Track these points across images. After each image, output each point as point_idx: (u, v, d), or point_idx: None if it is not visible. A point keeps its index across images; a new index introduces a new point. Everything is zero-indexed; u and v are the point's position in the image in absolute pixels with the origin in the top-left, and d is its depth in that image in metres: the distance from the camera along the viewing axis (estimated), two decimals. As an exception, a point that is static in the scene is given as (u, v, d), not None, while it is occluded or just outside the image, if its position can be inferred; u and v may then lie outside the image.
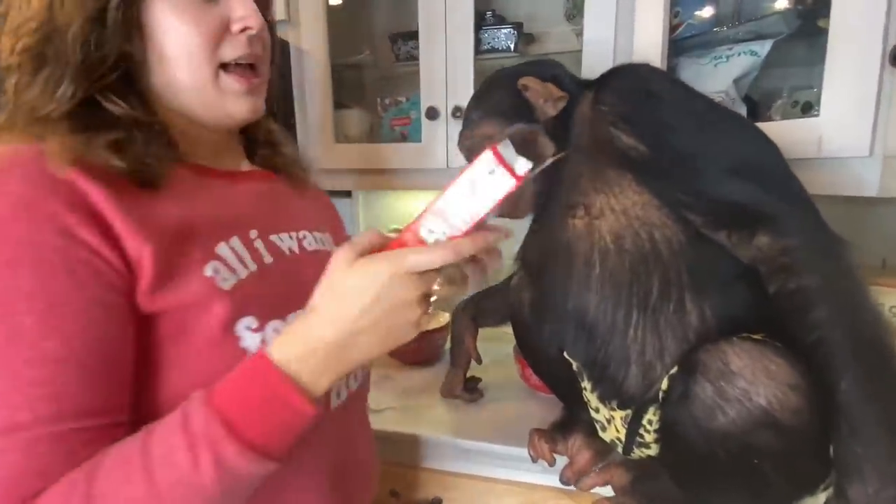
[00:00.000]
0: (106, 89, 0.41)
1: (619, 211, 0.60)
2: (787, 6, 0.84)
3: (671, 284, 0.58)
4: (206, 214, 0.44)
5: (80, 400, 0.35)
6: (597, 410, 0.68)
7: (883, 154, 0.64)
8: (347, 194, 1.36)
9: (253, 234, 0.47)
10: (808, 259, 0.50)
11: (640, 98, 0.60)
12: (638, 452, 0.65)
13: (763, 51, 0.84)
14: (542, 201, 0.71)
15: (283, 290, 0.46)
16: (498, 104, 0.71)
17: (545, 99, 0.67)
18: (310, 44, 1.04)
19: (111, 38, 0.40)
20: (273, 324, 0.43)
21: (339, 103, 1.13)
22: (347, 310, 0.37)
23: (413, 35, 1.05)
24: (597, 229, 0.62)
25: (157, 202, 0.41)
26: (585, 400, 0.70)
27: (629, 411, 0.63)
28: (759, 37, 0.86)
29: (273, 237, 0.50)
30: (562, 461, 0.72)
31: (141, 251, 0.37)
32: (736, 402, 0.49)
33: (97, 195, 0.36)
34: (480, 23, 1.02)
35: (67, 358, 0.34)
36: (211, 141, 0.50)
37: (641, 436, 0.63)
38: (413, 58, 1.06)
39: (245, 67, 0.47)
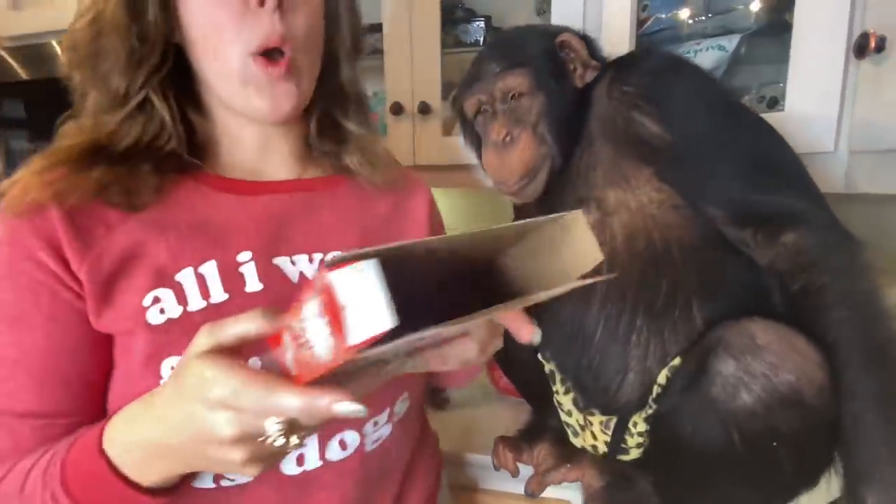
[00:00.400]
0: (160, 86, 0.42)
1: (634, 209, 0.56)
2: (753, 1, 0.84)
3: (679, 289, 0.55)
4: (183, 234, 0.42)
5: (28, 403, 0.39)
6: (569, 414, 0.66)
7: (848, 149, 0.64)
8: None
9: (244, 256, 0.43)
10: (835, 258, 0.50)
11: (667, 82, 0.57)
12: (618, 458, 0.63)
13: (731, 46, 0.83)
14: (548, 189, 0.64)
15: None
16: (531, 55, 0.62)
17: (582, 64, 0.62)
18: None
19: (153, 27, 0.40)
20: None
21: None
22: (175, 413, 0.30)
23: (377, 27, 1.01)
24: (609, 227, 0.57)
25: (122, 223, 0.41)
26: (556, 403, 0.67)
27: (611, 417, 0.61)
28: (728, 31, 0.85)
29: (278, 260, 0.45)
30: (528, 470, 0.69)
31: (83, 275, 0.39)
32: (762, 377, 0.47)
33: (60, 223, 0.39)
34: (448, 16, 0.99)
35: (21, 364, 0.39)
36: (255, 140, 0.48)
37: (624, 440, 0.61)
38: (377, 51, 1.02)
39: (274, 53, 0.42)
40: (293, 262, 0.45)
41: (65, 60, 0.43)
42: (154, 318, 0.39)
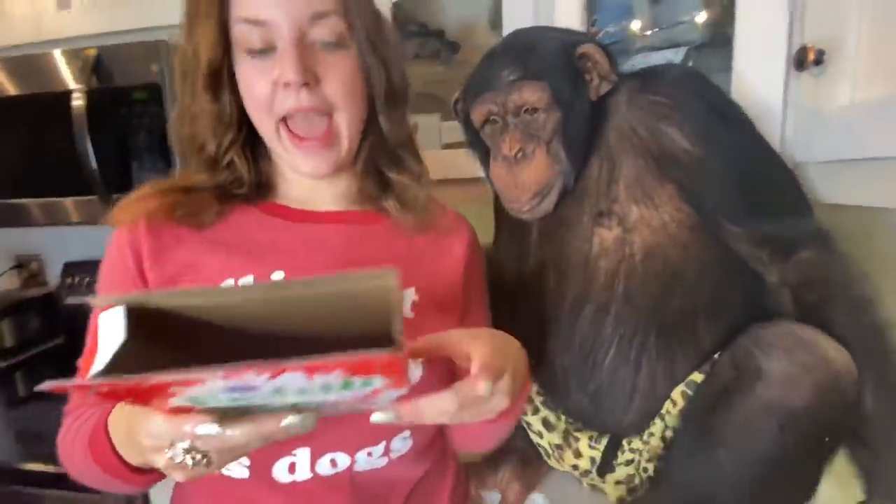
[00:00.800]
0: (240, 146, 0.51)
1: (655, 226, 0.55)
2: (699, 15, 0.86)
3: (690, 309, 0.55)
4: (233, 251, 0.50)
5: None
6: (540, 436, 0.64)
7: (792, 161, 0.64)
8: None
9: (277, 275, 0.49)
10: (842, 272, 0.52)
11: (695, 96, 0.56)
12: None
13: (678, 58, 0.85)
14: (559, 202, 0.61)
15: None
16: (550, 67, 0.57)
17: (601, 76, 0.58)
18: (214, 49, 0.96)
19: (228, 107, 0.49)
20: None
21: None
22: (127, 431, 0.40)
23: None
24: (628, 244, 0.55)
25: (191, 238, 0.50)
26: (524, 424, 0.65)
27: (602, 434, 0.61)
28: (674, 45, 0.86)
29: None
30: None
31: (151, 276, 0.49)
32: (816, 370, 0.46)
33: (144, 236, 0.49)
34: (402, 31, 0.97)
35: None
36: (307, 182, 0.54)
37: (616, 456, 0.61)
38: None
39: (302, 124, 0.48)
40: None
41: (173, 141, 0.53)
42: None
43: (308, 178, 0.53)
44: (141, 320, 0.30)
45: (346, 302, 0.30)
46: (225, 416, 0.32)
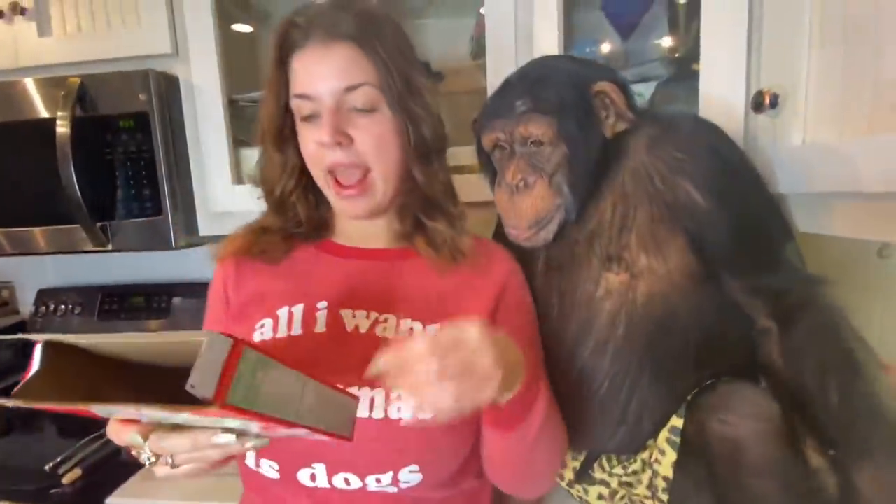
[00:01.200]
0: (303, 191, 0.62)
1: (661, 274, 0.57)
2: (666, 53, 0.92)
3: (684, 351, 0.57)
4: (293, 282, 0.60)
5: None
6: None
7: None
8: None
9: (321, 304, 0.57)
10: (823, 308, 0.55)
11: (712, 153, 0.57)
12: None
13: (648, 92, 0.91)
14: (568, 237, 0.62)
15: (306, 358, 0.54)
16: (558, 101, 0.58)
17: (615, 116, 0.59)
18: (201, 79, 0.97)
19: (288, 151, 0.60)
20: None
21: (241, 141, 1.05)
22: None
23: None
24: (632, 289, 0.57)
25: (264, 271, 0.61)
26: None
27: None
28: (644, 79, 0.92)
29: (344, 311, 0.57)
30: None
31: (231, 302, 0.62)
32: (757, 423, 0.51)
33: (231, 269, 0.63)
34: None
35: None
36: (354, 222, 0.62)
37: (592, 468, 0.64)
38: (318, 94, 1.02)
39: (343, 175, 0.57)
40: (353, 316, 0.57)
41: (258, 183, 0.64)
42: (257, 337, 0.57)
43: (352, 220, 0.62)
44: (61, 353, 0.40)
45: (183, 349, 0.35)
46: (174, 428, 0.41)
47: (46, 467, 0.90)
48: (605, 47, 0.99)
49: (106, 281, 1.37)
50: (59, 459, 0.92)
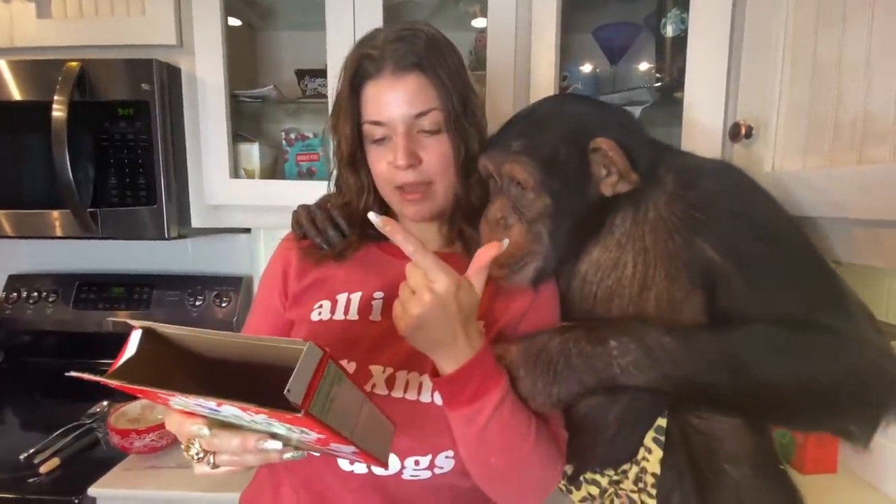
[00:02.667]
0: (372, 201, 0.67)
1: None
2: (652, 80, 1.00)
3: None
4: (355, 273, 0.65)
5: None
6: None
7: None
8: (247, 230, 1.28)
9: (378, 294, 0.63)
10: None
11: (733, 214, 0.54)
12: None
13: (636, 115, 0.98)
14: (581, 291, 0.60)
15: (356, 340, 0.60)
16: (550, 152, 0.56)
17: (617, 175, 0.56)
18: (205, 72, 0.98)
19: (361, 171, 0.65)
20: None
21: (239, 135, 1.06)
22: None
23: (321, 73, 1.04)
24: None
25: (328, 262, 0.66)
26: None
27: None
28: (631, 103, 0.99)
29: (397, 302, 0.60)
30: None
31: (290, 289, 0.66)
32: None
33: (293, 256, 0.68)
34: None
35: (249, 328, 0.69)
36: (411, 227, 0.66)
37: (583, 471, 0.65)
38: (321, 95, 1.05)
39: (409, 189, 0.62)
40: None
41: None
42: (314, 316, 0.62)
43: (412, 223, 0.67)
44: (155, 340, 0.42)
45: (275, 353, 0.37)
46: (223, 426, 0.43)
47: (21, 457, 0.88)
48: (596, 70, 1.06)
49: (83, 269, 1.33)
50: (33, 450, 0.90)
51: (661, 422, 0.59)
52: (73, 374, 0.37)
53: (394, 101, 0.58)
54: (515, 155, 0.57)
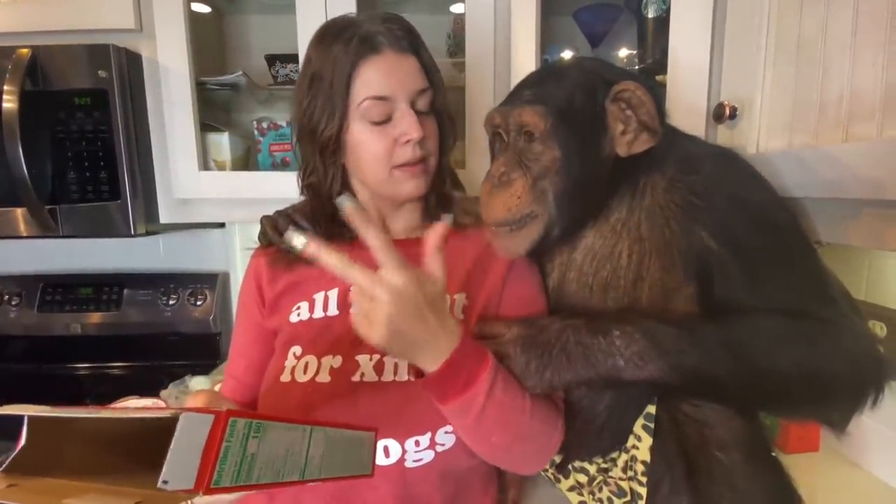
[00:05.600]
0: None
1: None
2: (633, 64, 0.98)
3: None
4: (325, 272, 0.58)
5: (231, 369, 0.68)
6: None
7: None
8: (221, 225, 1.23)
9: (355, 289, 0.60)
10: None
11: (731, 199, 0.52)
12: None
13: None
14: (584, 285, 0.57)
15: (339, 334, 0.58)
16: (564, 98, 0.52)
17: (634, 133, 0.51)
18: (168, 58, 0.92)
19: (337, 163, 0.63)
20: (307, 357, 0.59)
21: (208, 125, 1.01)
22: None
23: (292, 58, 0.99)
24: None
25: (299, 264, 0.63)
26: None
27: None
28: (613, 87, 0.97)
29: None
30: None
31: (266, 297, 0.65)
32: None
33: (263, 265, 0.67)
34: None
35: (235, 345, 0.68)
36: (385, 215, 0.67)
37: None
38: (293, 81, 1.00)
39: (410, 164, 0.61)
40: None
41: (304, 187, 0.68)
42: (293, 318, 0.62)
43: (379, 208, 0.66)
44: (47, 427, 0.36)
45: (153, 425, 0.32)
46: None
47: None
48: (578, 53, 1.04)
49: (47, 269, 1.27)
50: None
51: (651, 409, 0.58)
52: None
53: (398, 75, 0.58)
54: (527, 102, 0.53)
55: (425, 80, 0.61)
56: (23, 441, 0.37)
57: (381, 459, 0.54)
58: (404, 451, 0.54)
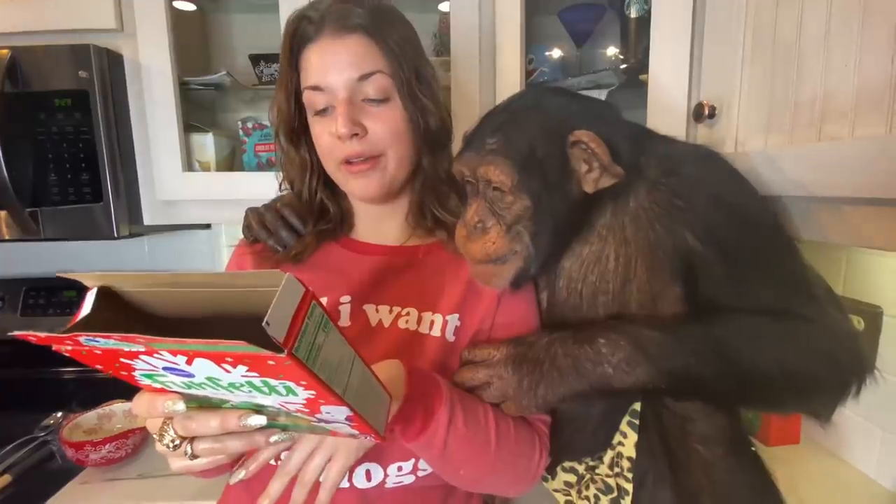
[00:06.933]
0: (325, 187, 0.63)
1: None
2: (617, 63, 0.99)
3: None
4: (318, 277, 0.59)
5: None
6: None
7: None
8: (207, 226, 1.22)
9: (345, 299, 0.58)
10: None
11: (714, 199, 0.53)
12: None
13: (601, 98, 0.97)
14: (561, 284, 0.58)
15: None
16: (527, 149, 0.52)
17: (599, 170, 0.52)
18: (150, 58, 0.91)
19: (302, 148, 0.61)
20: None
21: (191, 126, 1.01)
22: None
23: (277, 57, 0.98)
24: None
25: (289, 269, 0.55)
26: None
27: None
28: (597, 86, 0.98)
29: (367, 306, 0.58)
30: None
31: None
32: None
33: (248, 263, 0.64)
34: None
35: None
36: (370, 216, 0.65)
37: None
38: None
39: (355, 163, 0.57)
40: (377, 311, 0.58)
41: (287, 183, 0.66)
42: None
43: (372, 208, 0.62)
44: (113, 302, 0.36)
45: (245, 299, 0.32)
46: (200, 409, 0.38)
47: (-33, 475, 0.82)
48: (562, 53, 1.05)
49: (30, 272, 1.25)
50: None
51: (636, 405, 0.59)
52: (17, 334, 0.30)
53: (335, 63, 0.54)
54: (490, 155, 0.53)
55: (373, 62, 0.54)
56: (84, 312, 0.34)
57: (362, 482, 0.53)
58: (386, 476, 0.53)
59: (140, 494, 0.79)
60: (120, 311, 0.35)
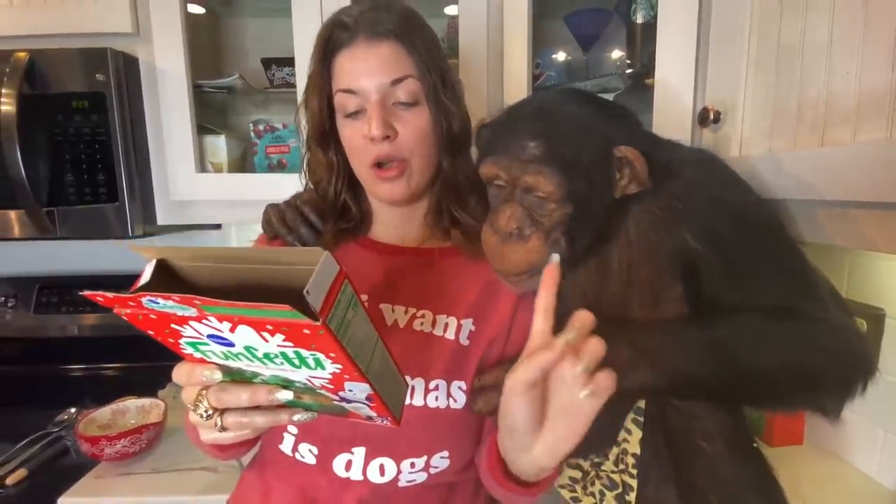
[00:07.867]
0: (350, 189, 0.65)
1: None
2: (622, 68, 1.00)
3: None
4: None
5: None
6: None
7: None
8: (217, 226, 1.24)
9: (363, 297, 0.58)
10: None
11: (712, 200, 0.54)
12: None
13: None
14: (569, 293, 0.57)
15: None
16: (575, 158, 0.52)
17: (629, 179, 0.53)
18: (165, 61, 0.94)
19: (333, 152, 0.62)
20: None
21: (204, 128, 1.03)
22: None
23: (288, 61, 1.01)
24: None
25: None
26: None
27: None
28: (604, 90, 1.00)
29: (383, 306, 0.59)
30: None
31: None
32: None
33: None
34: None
35: None
36: (390, 218, 0.65)
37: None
38: (289, 84, 1.02)
39: (385, 162, 0.58)
40: (393, 310, 0.59)
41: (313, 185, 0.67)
42: None
43: (394, 210, 0.64)
44: (166, 273, 0.38)
45: (285, 276, 0.34)
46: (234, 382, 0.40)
47: (-15, 470, 0.84)
48: (569, 57, 1.06)
49: (43, 271, 1.27)
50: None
51: (641, 403, 0.60)
52: (87, 293, 0.32)
53: (368, 68, 0.56)
54: (535, 163, 0.52)
55: (405, 67, 0.56)
56: (144, 280, 0.36)
57: (375, 477, 0.55)
58: (399, 472, 0.55)
59: (154, 488, 0.80)
60: (172, 285, 0.37)
